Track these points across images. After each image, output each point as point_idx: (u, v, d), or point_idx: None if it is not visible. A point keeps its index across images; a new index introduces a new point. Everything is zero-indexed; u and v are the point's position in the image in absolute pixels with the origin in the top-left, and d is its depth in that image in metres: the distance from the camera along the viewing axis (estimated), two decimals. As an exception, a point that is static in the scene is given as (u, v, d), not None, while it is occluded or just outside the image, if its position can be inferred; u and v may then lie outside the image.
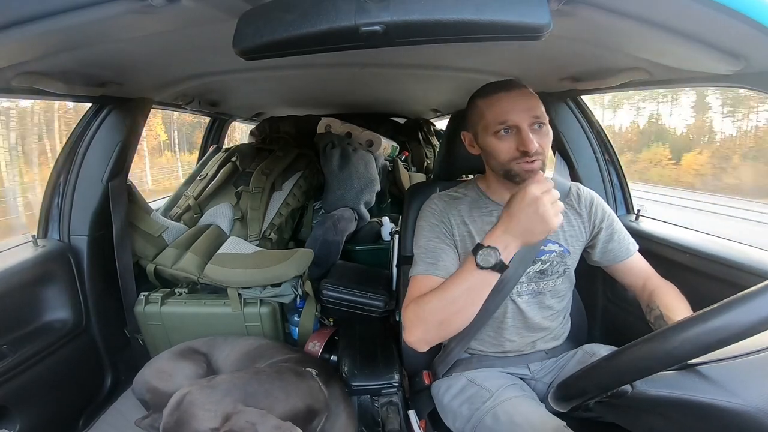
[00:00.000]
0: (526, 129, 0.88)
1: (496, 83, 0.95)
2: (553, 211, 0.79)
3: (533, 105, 0.91)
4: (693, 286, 0.97)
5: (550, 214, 0.78)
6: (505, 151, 0.91)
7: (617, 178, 1.44)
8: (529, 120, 0.89)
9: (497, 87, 0.94)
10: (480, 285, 0.84)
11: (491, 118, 0.91)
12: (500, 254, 0.81)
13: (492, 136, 0.91)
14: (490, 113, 0.92)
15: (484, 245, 0.82)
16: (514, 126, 0.89)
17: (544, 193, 0.79)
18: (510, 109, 0.89)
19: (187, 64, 1.20)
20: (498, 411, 0.91)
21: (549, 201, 0.78)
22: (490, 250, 0.81)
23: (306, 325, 1.52)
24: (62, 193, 1.36)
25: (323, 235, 1.82)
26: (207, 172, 1.95)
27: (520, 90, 0.93)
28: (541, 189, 0.79)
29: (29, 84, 0.93)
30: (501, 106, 0.90)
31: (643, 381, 0.56)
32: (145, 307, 1.42)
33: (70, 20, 0.63)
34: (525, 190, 0.80)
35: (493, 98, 0.92)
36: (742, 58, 0.71)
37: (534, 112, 0.90)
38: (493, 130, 0.91)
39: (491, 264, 0.81)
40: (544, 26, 0.58)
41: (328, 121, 2.45)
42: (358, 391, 1.10)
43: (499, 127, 0.90)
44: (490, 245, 0.82)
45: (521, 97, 0.91)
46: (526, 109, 0.89)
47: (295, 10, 0.59)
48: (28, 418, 1.12)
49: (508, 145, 0.90)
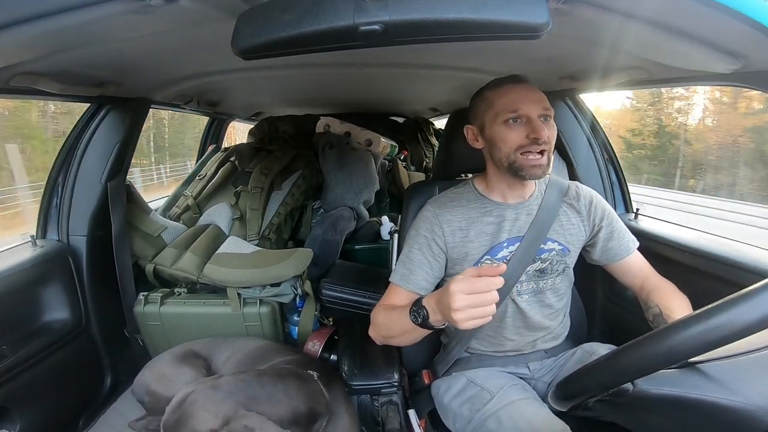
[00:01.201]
0: (536, 118, 0.91)
1: (505, 77, 0.98)
2: (461, 310, 0.72)
3: (542, 98, 0.94)
4: (692, 285, 0.97)
5: (455, 309, 0.72)
6: (514, 139, 0.92)
7: (616, 177, 1.45)
8: (539, 111, 0.92)
9: (506, 80, 0.97)
10: (413, 331, 0.89)
11: (502, 107, 0.93)
12: (428, 317, 0.83)
13: (502, 124, 0.93)
14: (501, 102, 0.94)
15: (422, 303, 0.84)
16: (524, 115, 0.92)
17: (464, 292, 0.72)
18: (521, 98, 0.92)
19: (186, 64, 1.20)
20: (501, 415, 0.91)
21: (466, 300, 0.72)
22: (422, 310, 0.84)
23: (305, 324, 1.52)
24: (61, 193, 1.36)
25: (322, 234, 1.82)
26: (206, 172, 1.95)
27: (529, 84, 0.96)
28: (464, 287, 0.72)
29: (28, 84, 0.93)
30: (512, 95, 0.93)
31: (644, 379, 0.56)
32: (144, 307, 1.42)
33: (68, 20, 0.63)
34: (452, 280, 0.74)
35: (504, 89, 0.95)
36: (741, 57, 0.71)
37: (543, 104, 0.93)
38: (504, 119, 0.93)
39: (419, 322, 0.85)
40: (543, 25, 0.58)
41: (327, 120, 2.45)
42: (357, 390, 1.10)
43: (510, 115, 0.92)
44: (424, 305, 0.84)
45: (530, 90, 0.94)
46: (536, 101, 0.92)
47: (293, 10, 0.59)
48: (28, 418, 1.12)
49: (518, 134, 0.92)
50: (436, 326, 0.84)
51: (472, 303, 0.72)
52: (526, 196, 1.02)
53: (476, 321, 0.73)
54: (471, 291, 0.72)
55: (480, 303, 0.72)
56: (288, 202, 1.86)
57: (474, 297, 0.72)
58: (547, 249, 1.01)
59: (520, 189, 1.01)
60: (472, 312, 0.72)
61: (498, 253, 0.99)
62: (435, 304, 0.81)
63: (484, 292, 0.72)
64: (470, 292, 0.72)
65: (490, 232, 1.00)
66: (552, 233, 1.00)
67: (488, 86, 0.99)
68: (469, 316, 0.72)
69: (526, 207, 1.01)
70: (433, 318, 0.82)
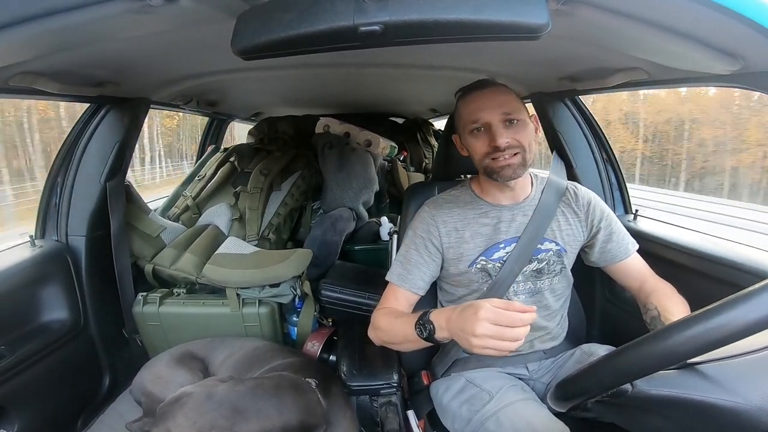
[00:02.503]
0: (496, 124, 0.91)
1: (473, 83, 0.98)
2: (481, 337, 0.70)
3: (504, 101, 0.93)
4: (690, 286, 0.97)
5: (476, 335, 0.70)
6: (479, 148, 0.94)
7: (615, 178, 1.45)
8: (499, 116, 0.91)
9: (472, 87, 0.97)
10: (415, 341, 0.88)
11: (466, 118, 0.95)
12: (434, 332, 0.81)
13: (469, 134, 0.96)
14: (465, 113, 0.96)
15: (430, 318, 0.82)
16: (485, 123, 0.92)
17: (490, 321, 0.70)
18: (481, 107, 0.93)
19: (186, 64, 1.20)
20: (501, 417, 0.91)
21: (491, 330, 0.70)
22: (429, 324, 0.82)
23: (304, 325, 1.52)
24: (60, 193, 1.36)
25: (322, 235, 1.82)
26: (205, 173, 1.95)
27: (494, 88, 0.96)
28: (492, 316, 0.70)
29: (27, 84, 0.92)
30: (474, 104, 0.94)
31: (643, 380, 0.56)
32: (143, 307, 1.42)
33: (68, 20, 0.63)
34: (480, 306, 0.72)
35: (468, 98, 0.96)
36: (740, 58, 0.71)
37: (504, 108, 0.92)
38: (469, 129, 0.95)
39: (424, 336, 0.84)
40: (543, 26, 0.58)
41: (327, 121, 2.45)
42: (356, 391, 1.10)
43: (473, 126, 0.94)
44: (432, 320, 0.82)
45: (494, 94, 0.94)
46: (497, 106, 0.92)
47: (293, 10, 0.59)
48: (27, 419, 1.12)
49: (482, 143, 0.93)
50: (442, 342, 0.84)
51: (496, 334, 0.70)
52: (519, 198, 1.03)
53: (492, 351, 0.70)
54: (499, 322, 0.69)
55: (503, 336, 0.69)
56: (287, 202, 1.86)
57: (500, 329, 0.69)
58: (543, 249, 1.01)
59: (509, 191, 1.02)
60: (492, 342, 0.70)
61: (494, 254, 1.00)
62: (445, 322, 0.80)
63: (511, 327, 0.69)
64: (498, 323, 0.69)
65: (485, 233, 1.01)
66: (549, 234, 1.01)
67: (459, 95, 1.00)
68: (488, 345, 0.70)
69: (522, 208, 1.02)
70: (440, 335, 0.81)
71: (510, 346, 0.70)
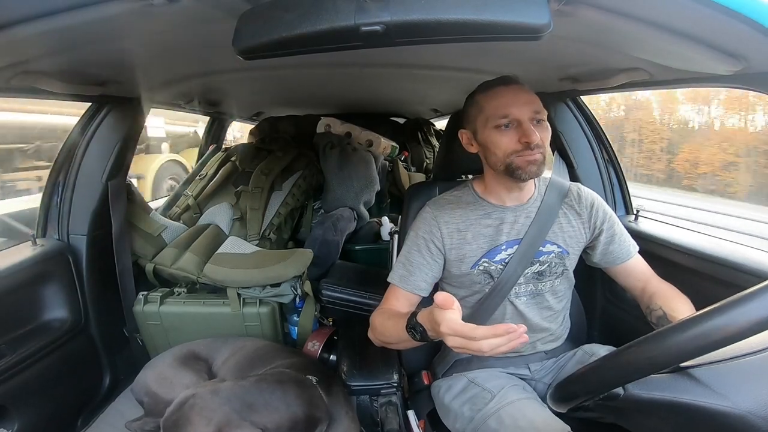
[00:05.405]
0: (527, 121, 0.90)
1: (494, 79, 0.97)
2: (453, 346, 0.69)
3: (532, 99, 0.92)
4: (692, 287, 0.97)
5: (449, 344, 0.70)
6: (506, 144, 0.91)
7: (616, 178, 1.44)
8: (529, 114, 0.90)
9: (496, 82, 0.95)
10: (407, 341, 0.86)
11: (492, 112, 0.92)
12: (426, 332, 0.80)
13: (493, 129, 0.92)
14: (491, 107, 0.93)
15: (417, 320, 0.80)
16: (515, 120, 0.90)
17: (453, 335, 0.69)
18: (511, 102, 0.91)
19: (187, 63, 1.20)
20: (502, 414, 0.91)
21: (456, 340, 0.69)
22: (418, 326, 0.80)
23: (305, 325, 1.52)
24: (61, 192, 1.36)
25: (323, 234, 1.82)
26: (206, 172, 1.96)
27: (519, 85, 0.94)
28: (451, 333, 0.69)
29: (29, 83, 0.93)
30: (502, 99, 0.92)
31: (635, 384, 0.56)
32: (144, 306, 1.42)
33: (70, 19, 0.63)
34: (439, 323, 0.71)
35: (493, 92, 0.94)
36: (742, 59, 0.71)
37: (534, 106, 0.91)
38: (494, 124, 0.92)
39: (417, 338, 0.82)
40: (544, 26, 0.58)
41: (328, 120, 2.45)
42: (356, 391, 1.10)
43: (501, 121, 0.91)
44: (419, 322, 0.80)
45: (521, 92, 0.93)
46: (527, 103, 0.91)
47: (294, 10, 0.59)
48: (27, 418, 1.12)
49: (509, 139, 0.91)
50: (435, 340, 0.82)
51: (462, 345, 0.68)
52: (524, 198, 1.02)
53: (469, 352, 0.69)
54: (463, 346, 0.68)
55: (470, 349, 0.68)
56: (288, 202, 1.86)
57: (465, 342, 0.68)
58: (545, 251, 1.00)
59: (517, 191, 1.01)
60: (467, 349, 0.69)
61: (496, 255, 0.99)
62: (428, 323, 0.78)
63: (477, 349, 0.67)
64: (462, 346, 0.68)
65: (488, 234, 1.00)
66: (551, 235, 1.00)
67: (478, 89, 0.98)
68: (464, 350, 0.69)
69: (525, 209, 1.01)
70: (431, 334, 0.80)
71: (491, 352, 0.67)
